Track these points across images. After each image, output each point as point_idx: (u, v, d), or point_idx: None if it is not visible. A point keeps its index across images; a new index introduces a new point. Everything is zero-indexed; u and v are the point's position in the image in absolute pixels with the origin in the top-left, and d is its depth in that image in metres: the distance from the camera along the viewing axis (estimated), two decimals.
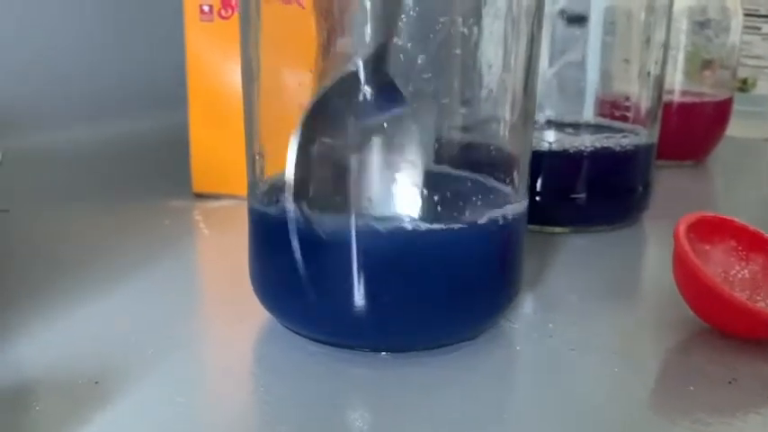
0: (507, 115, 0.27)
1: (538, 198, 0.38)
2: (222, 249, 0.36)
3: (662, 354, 0.27)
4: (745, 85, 0.66)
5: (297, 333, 0.26)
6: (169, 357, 0.25)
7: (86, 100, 0.56)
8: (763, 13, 0.65)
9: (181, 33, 0.42)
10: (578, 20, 0.42)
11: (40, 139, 0.50)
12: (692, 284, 0.27)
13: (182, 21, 0.42)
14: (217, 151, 0.42)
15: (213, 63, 0.42)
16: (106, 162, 0.50)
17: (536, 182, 0.38)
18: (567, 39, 0.43)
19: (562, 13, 0.42)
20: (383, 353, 0.25)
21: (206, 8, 0.41)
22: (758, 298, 0.29)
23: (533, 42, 0.27)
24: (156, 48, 0.57)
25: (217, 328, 0.28)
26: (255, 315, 0.27)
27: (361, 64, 0.25)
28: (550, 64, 0.42)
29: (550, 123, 0.43)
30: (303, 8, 0.30)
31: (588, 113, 0.44)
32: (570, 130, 0.43)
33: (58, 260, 0.33)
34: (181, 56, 0.42)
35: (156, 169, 0.48)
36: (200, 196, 0.43)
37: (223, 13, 0.41)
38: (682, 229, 0.28)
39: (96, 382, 0.23)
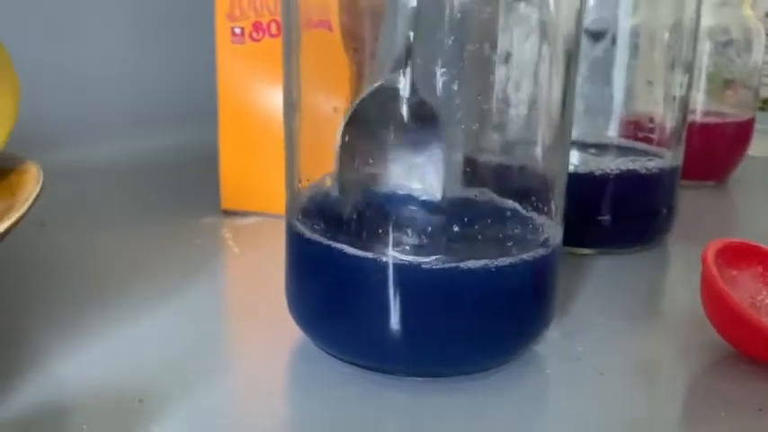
0: (544, 140, 0.28)
1: (567, 220, 0.39)
2: (252, 268, 0.37)
3: (690, 378, 0.27)
4: (767, 105, 0.66)
5: (331, 355, 0.27)
6: (208, 378, 0.25)
7: (119, 117, 0.58)
8: None
9: (213, 54, 0.43)
10: (600, 36, 0.43)
11: (74, 155, 0.51)
12: (719, 310, 0.28)
13: (214, 42, 0.42)
14: (245, 168, 0.43)
15: (243, 83, 0.43)
16: (138, 178, 0.51)
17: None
18: (592, 62, 0.44)
19: (586, 31, 0.42)
20: (416, 378, 0.26)
21: (237, 30, 0.42)
22: None
23: (570, 66, 0.27)
24: (188, 67, 0.58)
25: (252, 348, 0.29)
26: (289, 335, 0.28)
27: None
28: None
29: (574, 144, 0.44)
30: (332, 32, 0.31)
31: (612, 134, 0.44)
32: (593, 151, 0.43)
33: (93, 278, 0.34)
34: (212, 76, 0.43)
35: (186, 186, 0.49)
36: (229, 213, 0.44)
37: (254, 35, 0.42)
38: (710, 254, 0.28)
39: (140, 401, 0.24)
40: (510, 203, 0.27)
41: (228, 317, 0.31)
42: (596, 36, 0.43)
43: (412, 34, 0.26)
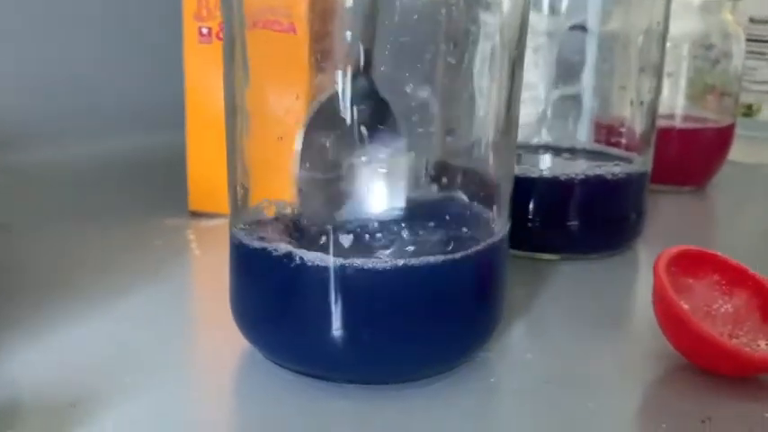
0: (489, 142, 0.27)
1: (529, 225, 0.39)
2: (212, 270, 0.36)
3: (639, 389, 0.27)
4: (750, 111, 0.66)
5: (275, 363, 0.26)
6: (147, 383, 0.25)
7: (87, 118, 0.57)
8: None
9: (180, 54, 0.42)
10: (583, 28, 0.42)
11: (41, 156, 0.51)
12: (670, 320, 0.27)
13: (181, 42, 0.42)
14: (213, 170, 0.43)
15: (211, 84, 0.42)
16: (105, 180, 0.51)
17: (527, 208, 0.39)
18: (565, 66, 0.43)
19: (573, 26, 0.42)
20: (360, 385, 0.25)
21: (204, 30, 0.42)
22: (740, 333, 0.28)
23: (515, 73, 0.27)
24: (155, 68, 0.57)
25: (199, 353, 0.28)
26: (238, 341, 0.27)
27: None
28: (547, 91, 0.43)
29: (546, 148, 0.43)
30: (296, 34, 0.31)
31: (584, 139, 0.44)
32: (567, 155, 0.43)
33: (48, 278, 0.34)
34: (180, 76, 0.43)
35: (154, 188, 0.49)
36: (196, 215, 0.43)
37: (221, 35, 0.42)
38: (662, 263, 0.28)
39: (73, 406, 0.23)
40: (455, 203, 0.27)
41: (178, 321, 0.31)
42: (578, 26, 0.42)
43: (366, 37, 0.26)
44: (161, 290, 0.33)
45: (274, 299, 0.25)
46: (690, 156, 0.55)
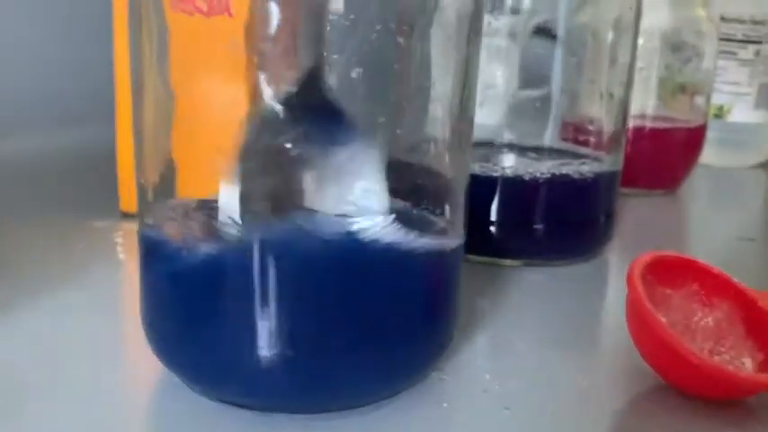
0: (442, 137, 0.24)
1: (491, 228, 0.35)
2: (134, 277, 0.33)
3: (608, 416, 0.23)
4: (721, 112, 0.64)
5: (194, 390, 0.22)
6: (53, 400, 0.21)
7: (8, 109, 0.53)
8: (739, 38, 0.62)
9: (110, 39, 0.38)
10: (544, 33, 0.39)
11: None
12: (646, 336, 0.24)
13: (111, 25, 0.38)
14: None
15: None
16: (30, 177, 0.47)
17: (489, 210, 0.35)
18: (531, 60, 0.40)
19: (537, 29, 0.39)
20: (290, 414, 0.22)
21: None
22: (722, 349, 0.25)
23: (469, 59, 0.24)
24: (86, 58, 0.53)
25: (108, 376, 0.24)
26: (156, 362, 0.23)
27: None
28: (512, 87, 0.40)
29: (511, 147, 0.40)
30: (232, 17, 0.27)
31: (551, 137, 0.41)
32: (532, 155, 0.40)
33: None
34: (111, 67, 0.39)
35: (84, 186, 0.45)
36: (128, 216, 0.39)
37: None
38: (636, 271, 0.24)
39: None
40: (403, 204, 0.23)
41: (86, 335, 0.27)
42: (539, 32, 0.39)
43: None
44: (76, 297, 0.29)
45: (188, 312, 0.21)
46: (661, 157, 0.53)
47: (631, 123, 0.48)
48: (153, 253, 0.22)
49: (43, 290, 0.29)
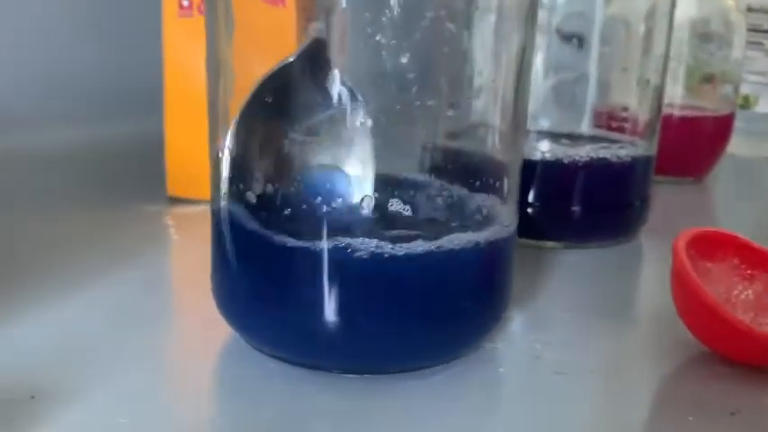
0: (497, 122, 0.25)
1: (530, 211, 0.36)
2: (190, 256, 0.34)
3: (658, 380, 0.25)
4: (746, 103, 0.64)
5: (260, 351, 0.24)
6: (118, 373, 0.23)
7: (62, 100, 0.54)
8: (766, 28, 0.63)
9: (159, 29, 0.40)
10: (573, 38, 0.41)
11: (13, 140, 0.48)
12: (691, 305, 0.25)
13: (160, 16, 0.40)
14: (193, 154, 0.40)
15: (191, 61, 0.40)
16: (81, 165, 0.48)
17: (528, 194, 0.36)
18: (565, 50, 0.41)
19: (558, 31, 0.40)
20: (353, 375, 0.23)
21: (185, 2, 0.39)
22: (763, 321, 0.26)
23: (526, 45, 0.25)
24: (133, 45, 0.54)
25: (174, 341, 0.26)
26: (219, 329, 0.25)
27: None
28: (546, 76, 0.41)
29: (545, 134, 0.41)
30: (285, 6, 0.29)
31: (585, 124, 0.42)
32: (566, 141, 0.41)
33: (19, 263, 0.31)
34: (159, 53, 0.40)
35: (132, 172, 0.46)
36: (175, 201, 0.41)
37: (203, 8, 0.39)
38: (681, 244, 0.26)
39: (32, 397, 0.21)
40: (460, 187, 0.25)
41: (155, 308, 0.28)
42: (569, 36, 0.40)
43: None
44: (137, 276, 0.30)
45: (261, 281, 0.23)
46: (689, 145, 0.54)
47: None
48: (226, 229, 0.23)
49: (104, 269, 0.31)
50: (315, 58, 0.24)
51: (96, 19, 0.59)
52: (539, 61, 0.41)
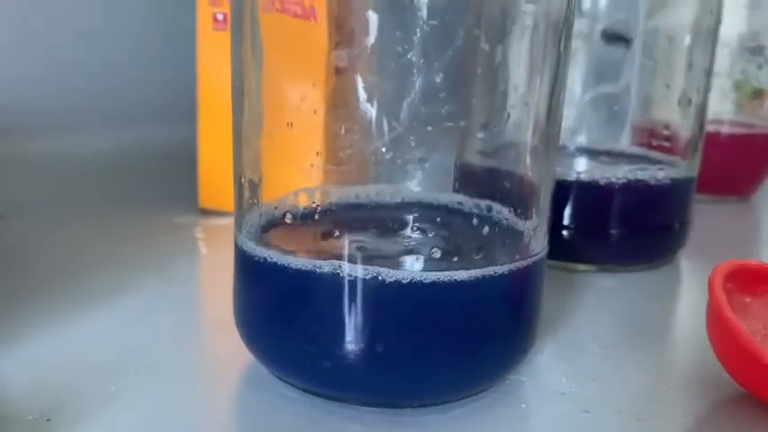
0: (529, 141, 0.24)
1: (564, 233, 0.35)
2: (219, 271, 0.34)
3: (690, 421, 0.23)
4: None
5: (281, 379, 0.23)
6: (135, 393, 0.22)
7: (95, 108, 0.55)
8: None
9: (193, 42, 0.40)
10: (618, 39, 0.39)
11: (46, 146, 0.49)
12: (727, 344, 0.24)
13: (194, 29, 0.40)
14: (224, 167, 0.40)
15: (225, 74, 0.39)
16: (113, 173, 0.49)
17: (562, 215, 0.35)
18: (605, 63, 0.40)
19: (603, 32, 0.39)
20: (375, 408, 0.22)
21: (220, 16, 0.39)
22: None
23: (559, 63, 0.24)
24: (168, 57, 0.55)
25: (198, 361, 0.26)
26: (243, 350, 0.25)
27: None
28: (585, 89, 0.40)
29: (583, 150, 0.40)
30: (316, 21, 0.28)
31: (624, 141, 0.41)
32: (605, 159, 0.40)
33: (44, 272, 0.31)
34: (193, 66, 0.40)
35: (164, 182, 0.46)
36: (207, 213, 0.41)
37: None
38: (718, 279, 0.24)
39: (48, 420, 0.21)
40: (490, 211, 0.24)
41: (174, 325, 0.28)
42: (611, 38, 0.39)
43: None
44: (163, 289, 0.31)
45: (282, 308, 0.22)
46: (735, 163, 0.52)
47: (706, 128, 0.47)
48: (247, 256, 0.23)
49: (130, 282, 0.31)
50: None
51: (133, 31, 0.60)
52: (578, 74, 0.40)
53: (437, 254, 0.22)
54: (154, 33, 0.60)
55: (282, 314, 0.22)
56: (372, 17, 0.24)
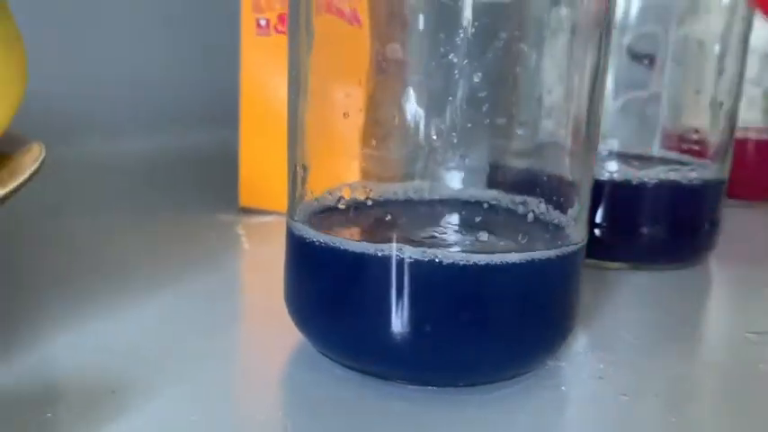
0: (568, 141, 0.25)
1: (597, 231, 0.36)
2: (262, 265, 0.35)
3: (726, 405, 0.24)
4: None
5: (329, 358, 0.25)
6: (192, 373, 0.24)
7: (140, 111, 0.57)
8: None
9: (237, 47, 0.41)
10: (644, 57, 0.40)
11: (94, 149, 0.50)
12: None
13: (238, 34, 0.41)
14: (265, 166, 0.42)
15: (267, 77, 0.41)
16: (157, 174, 0.50)
17: (595, 213, 0.36)
18: (634, 69, 0.41)
19: (629, 50, 0.40)
20: (419, 386, 0.23)
21: (263, 22, 0.41)
22: None
23: (599, 64, 0.25)
24: (211, 61, 0.57)
25: (246, 346, 0.27)
26: (289, 335, 0.26)
27: None
28: (616, 96, 0.41)
29: (614, 155, 0.41)
30: (361, 26, 0.30)
31: (655, 146, 0.41)
32: (635, 163, 0.41)
33: (96, 266, 0.33)
34: (236, 69, 0.42)
35: (205, 182, 0.48)
36: (247, 211, 0.42)
37: (279, 27, 0.41)
38: None
39: (113, 392, 0.22)
40: (531, 204, 0.25)
41: (227, 312, 0.29)
42: (639, 57, 0.40)
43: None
44: (210, 281, 0.32)
45: (333, 290, 0.23)
46: (764, 169, 0.52)
47: (735, 134, 0.48)
48: (301, 240, 0.24)
49: (178, 275, 0.32)
50: None
51: (180, 35, 0.61)
52: (609, 80, 0.41)
53: (484, 236, 0.23)
54: (202, 38, 0.61)
55: (330, 293, 0.24)
56: (415, 19, 0.25)
